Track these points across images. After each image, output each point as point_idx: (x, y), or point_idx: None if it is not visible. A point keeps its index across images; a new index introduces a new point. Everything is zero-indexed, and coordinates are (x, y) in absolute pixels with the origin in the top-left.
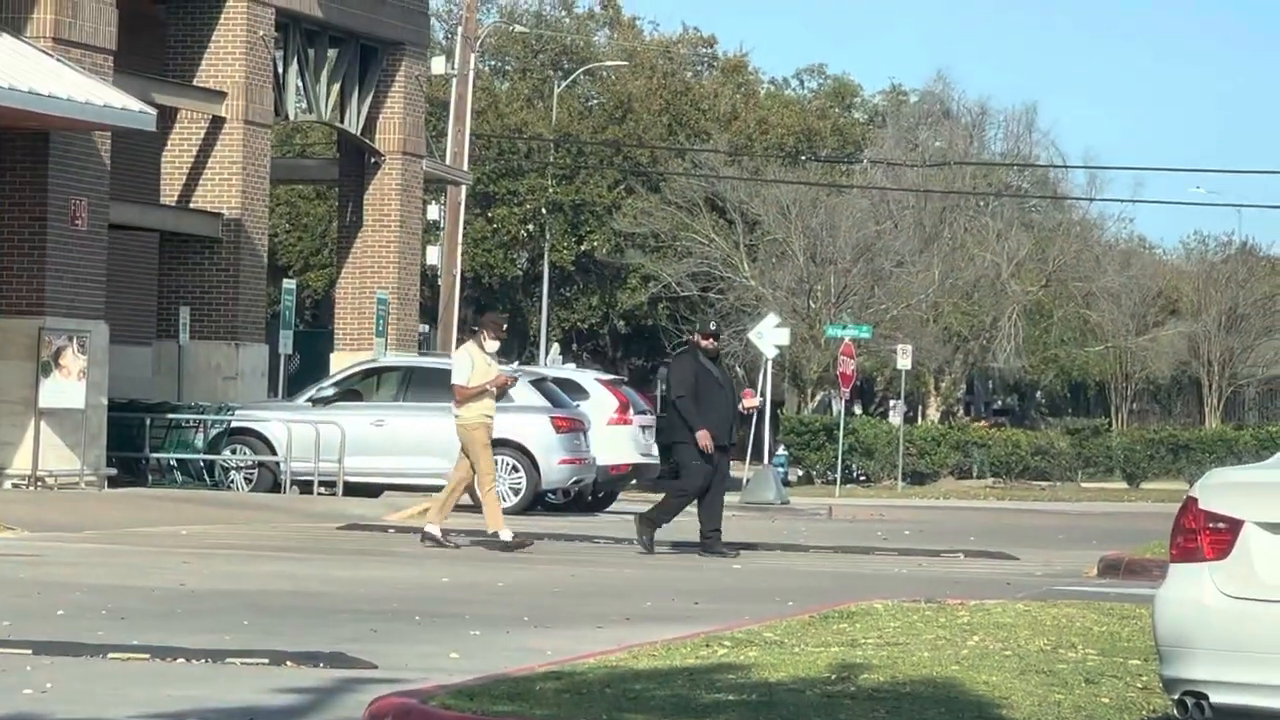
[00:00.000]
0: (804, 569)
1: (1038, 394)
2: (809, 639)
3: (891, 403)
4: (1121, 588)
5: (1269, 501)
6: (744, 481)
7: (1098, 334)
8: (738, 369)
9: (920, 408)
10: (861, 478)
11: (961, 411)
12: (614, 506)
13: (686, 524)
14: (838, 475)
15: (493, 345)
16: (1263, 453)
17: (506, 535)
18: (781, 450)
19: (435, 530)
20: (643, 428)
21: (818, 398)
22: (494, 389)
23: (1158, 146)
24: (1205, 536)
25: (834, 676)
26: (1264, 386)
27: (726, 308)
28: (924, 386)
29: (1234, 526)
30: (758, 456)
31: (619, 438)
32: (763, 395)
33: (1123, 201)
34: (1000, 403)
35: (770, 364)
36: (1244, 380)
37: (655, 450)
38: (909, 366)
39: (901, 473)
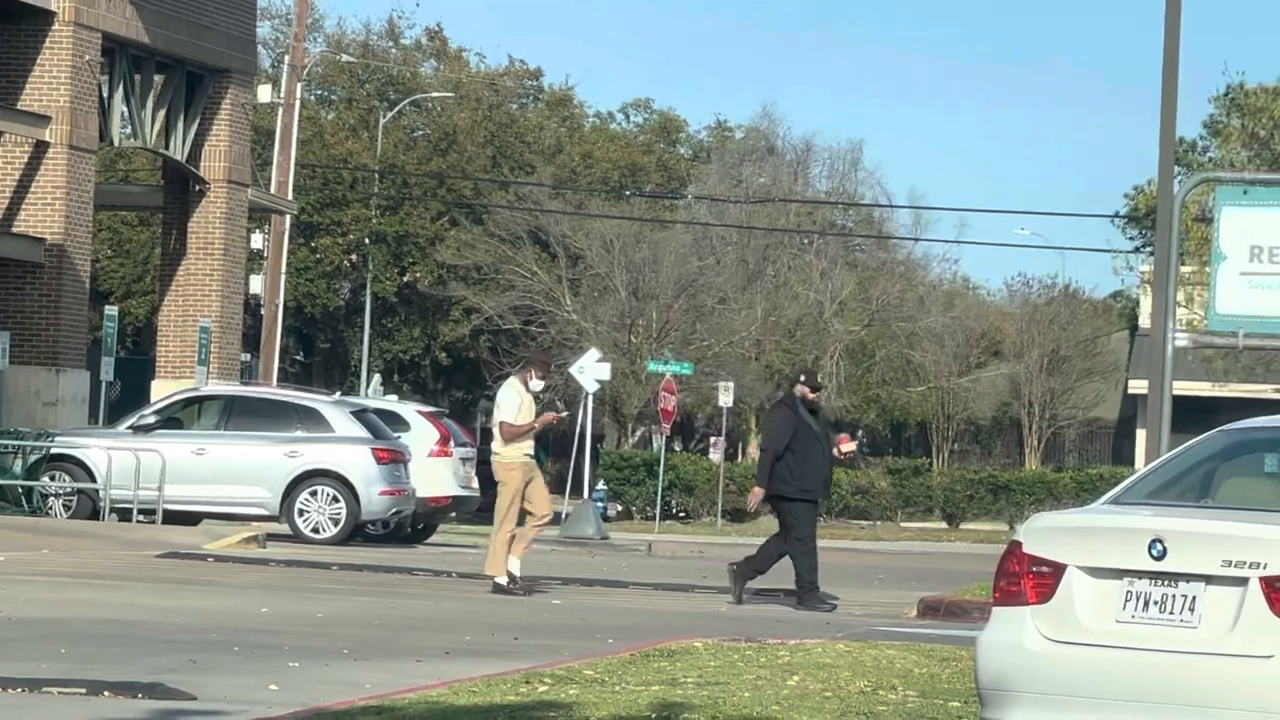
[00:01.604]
0: (624, 605)
1: (859, 433)
2: (629, 677)
3: (712, 439)
4: (941, 629)
5: (1092, 546)
6: (563, 516)
7: (920, 374)
8: (558, 402)
9: (741, 445)
10: (681, 514)
11: None
12: (433, 539)
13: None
14: (657, 511)
15: (538, 384)
16: (1082, 494)
17: (502, 580)
18: (601, 485)
19: (504, 580)
20: (463, 460)
21: (638, 433)
22: (539, 428)
23: (983, 188)
24: (1029, 580)
25: (655, 716)
26: (1084, 429)
27: (548, 341)
28: (745, 424)
29: (1057, 570)
30: (577, 491)
31: (439, 470)
32: (581, 430)
33: (947, 242)
34: None
35: (591, 398)
36: (1064, 422)
37: (475, 483)
38: (730, 403)
39: (721, 510)
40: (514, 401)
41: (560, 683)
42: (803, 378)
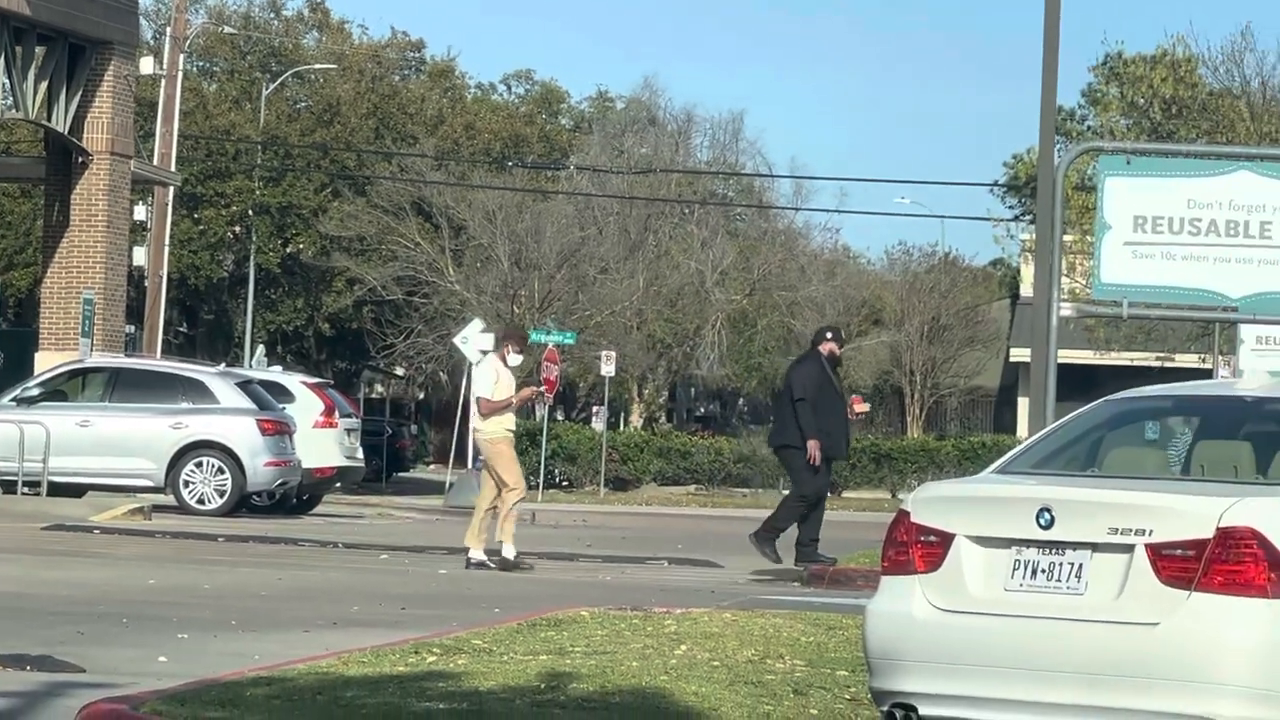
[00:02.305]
0: (509, 575)
1: (740, 402)
2: (517, 647)
3: (594, 409)
4: (826, 597)
5: (980, 515)
6: (446, 486)
7: (802, 343)
8: (441, 374)
9: (623, 414)
10: (564, 483)
11: (664, 418)
12: (319, 509)
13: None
14: (540, 480)
15: (516, 359)
16: (964, 463)
17: (510, 554)
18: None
19: (480, 555)
20: (348, 430)
21: None
22: (517, 403)
23: (863, 157)
24: (917, 549)
25: (543, 685)
26: (966, 397)
27: (431, 312)
28: (627, 393)
29: (945, 540)
30: (460, 460)
31: (324, 440)
32: (465, 400)
33: (828, 211)
34: (702, 410)
35: (474, 368)
36: (946, 390)
37: (360, 453)
38: (612, 373)
39: (604, 479)
40: (490, 377)
41: (449, 653)
42: (829, 334)
